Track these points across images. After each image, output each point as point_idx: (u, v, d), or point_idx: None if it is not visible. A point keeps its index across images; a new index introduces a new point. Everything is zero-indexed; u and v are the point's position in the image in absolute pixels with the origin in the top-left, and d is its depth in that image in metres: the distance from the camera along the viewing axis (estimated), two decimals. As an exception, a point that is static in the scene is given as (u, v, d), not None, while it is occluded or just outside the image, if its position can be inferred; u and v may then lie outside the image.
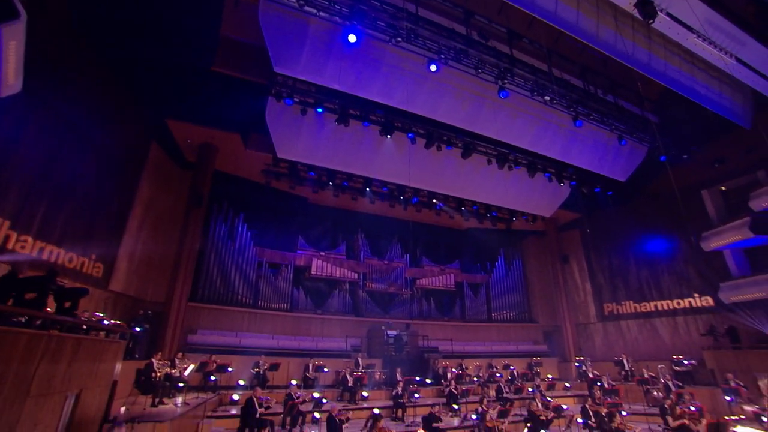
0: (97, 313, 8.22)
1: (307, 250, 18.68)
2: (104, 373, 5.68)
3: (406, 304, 19.34)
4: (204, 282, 15.32)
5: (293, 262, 18.05)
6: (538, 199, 18.41)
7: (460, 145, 14.81)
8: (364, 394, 13.51)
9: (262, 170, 16.58)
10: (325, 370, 13.86)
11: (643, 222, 19.03)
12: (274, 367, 12.83)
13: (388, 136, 13.78)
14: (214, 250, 15.89)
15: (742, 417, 9.47)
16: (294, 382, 11.42)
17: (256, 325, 16.11)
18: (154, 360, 8.77)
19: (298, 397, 10.00)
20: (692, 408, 8.38)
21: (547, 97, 12.21)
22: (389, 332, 16.55)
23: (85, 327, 5.72)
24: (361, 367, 14.50)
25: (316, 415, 10.25)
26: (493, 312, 20.83)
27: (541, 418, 8.58)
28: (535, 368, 16.49)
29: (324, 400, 10.54)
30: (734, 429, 8.29)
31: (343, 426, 9.01)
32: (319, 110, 12.99)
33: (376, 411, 11.45)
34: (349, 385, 13.22)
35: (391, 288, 19.29)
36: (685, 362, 14.80)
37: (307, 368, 13.96)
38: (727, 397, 12.19)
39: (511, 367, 16.00)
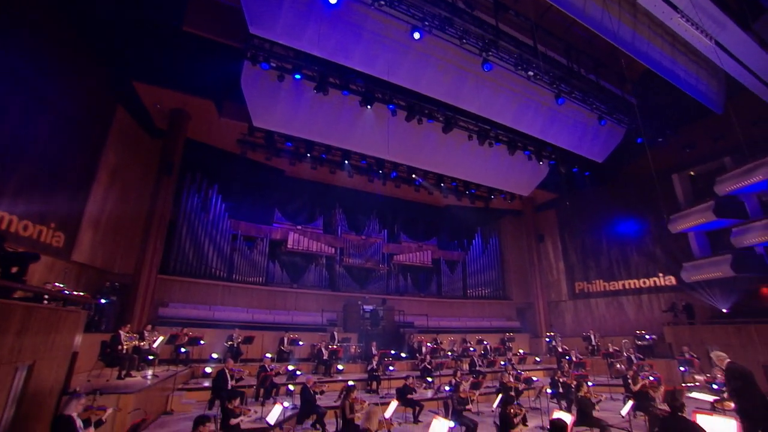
0: (57, 284, 7.78)
1: (283, 224, 18.31)
2: (62, 344, 5.36)
3: (383, 279, 19.36)
4: (176, 254, 14.85)
5: (269, 236, 17.68)
6: (517, 178, 18.48)
7: (441, 119, 14.56)
8: (339, 367, 13.51)
9: (237, 140, 15.95)
10: (300, 343, 13.81)
11: (616, 204, 19.48)
12: (248, 340, 12.67)
13: (369, 107, 13.38)
14: (187, 221, 15.35)
15: (696, 384, 10.10)
16: (269, 355, 11.30)
17: (230, 298, 15.84)
18: (121, 332, 8.44)
19: (271, 370, 9.89)
20: (651, 378, 8.78)
21: (530, 73, 12.02)
22: (365, 307, 16.61)
23: (38, 296, 5.36)
24: (336, 341, 14.49)
25: (291, 387, 10.20)
26: (469, 289, 21.13)
27: (512, 389, 8.76)
28: (507, 343, 16.90)
29: (298, 372, 10.47)
30: (688, 395, 8.70)
31: (317, 397, 8.98)
32: (297, 77, 12.43)
33: (351, 383, 11.71)
34: (324, 358, 13.20)
35: (368, 263, 19.22)
36: (647, 337, 15.48)
37: (282, 342, 13.87)
38: (682, 368, 12.96)
39: (485, 342, 16.36)
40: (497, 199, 20.79)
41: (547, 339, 17.66)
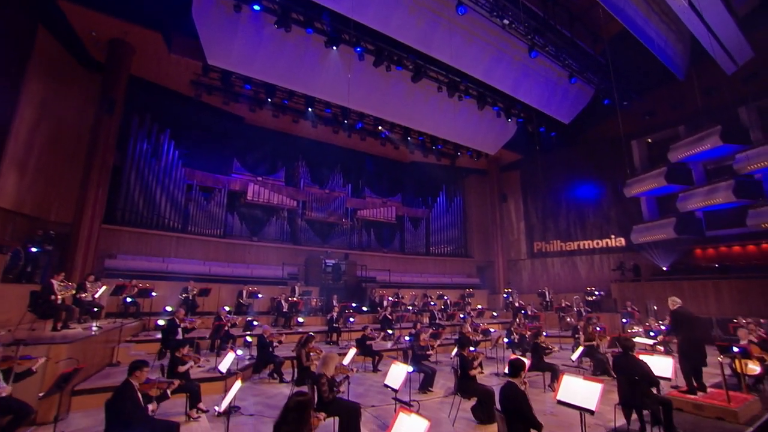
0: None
1: (242, 174, 17.38)
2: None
3: (346, 234, 19.11)
4: (124, 203, 13.79)
5: (227, 187, 16.77)
6: (484, 135, 18.30)
7: (410, 67, 13.87)
8: (300, 320, 13.36)
9: (190, 81, 14.61)
10: (260, 296, 13.48)
11: (577, 168, 19.99)
12: (204, 292, 12.15)
13: (334, 48, 12.47)
14: (135, 168, 14.16)
15: (636, 331, 10.91)
16: (227, 308, 10.89)
17: (185, 250, 15.09)
18: (54, 281, 7.71)
19: (227, 320, 9.55)
20: (598, 328, 9.24)
21: (506, 21, 11.49)
22: (327, 261, 16.41)
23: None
24: (297, 294, 14.28)
25: (248, 339, 9.93)
26: (432, 246, 21.32)
27: (471, 338, 8.93)
28: (467, 299, 17.38)
29: (255, 323, 10.18)
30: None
31: (275, 348, 8.80)
32: (256, 8, 11.25)
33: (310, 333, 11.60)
34: (284, 310, 13.01)
35: (331, 217, 18.83)
36: (596, 293, 16.38)
37: (240, 294, 13.49)
38: (624, 320, 13.93)
39: (445, 297, 16.70)
40: (463, 157, 20.64)
41: (505, 295, 18.32)
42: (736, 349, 6.89)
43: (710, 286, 14.67)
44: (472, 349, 6.56)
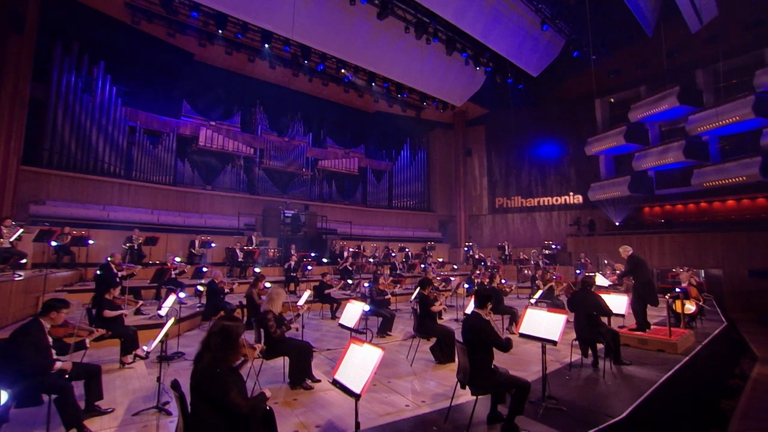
0: None
1: (193, 118, 15.98)
2: None
3: (306, 185, 18.42)
4: (51, 143, 12.30)
5: (176, 131, 15.39)
6: (452, 85, 17.69)
7: (376, 1, 12.79)
8: (256, 269, 12.81)
9: (125, 2, 12.81)
10: (213, 245, 12.75)
11: (541, 125, 20.00)
12: (151, 241, 11.26)
13: (293, -27, 11.18)
14: (63, 104, 12.55)
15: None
16: (178, 259, 10.12)
17: (129, 198, 13.93)
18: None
19: (174, 267, 8.86)
20: (554, 276, 9.44)
21: (480, -47, 10.61)
22: (286, 212, 15.85)
23: None
24: (254, 245, 13.69)
25: (200, 288, 9.33)
26: (395, 199, 21.07)
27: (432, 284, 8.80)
28: (428, 252, 17.41)
29: (205, 269, 9.53)
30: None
31: (226, 294, 8.28)
32: None
33: (268, 284, 11.15)
34: (239, 260, 12.43)
35: (290, 167, 17.97)
36: (553, 247, 16.88)
37: (192, 244, 12.67)
38: (578, 271, 14.47)
39: (407, 250, 16.62)
40: (429, 108, 20.04)
41: (466, 248, 18.56)
42: (678, 290, 7.46)
43: (655, 240, 15.44)
44: (434, 291, 6.35)
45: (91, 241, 10.05)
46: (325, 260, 15.01)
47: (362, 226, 19.00)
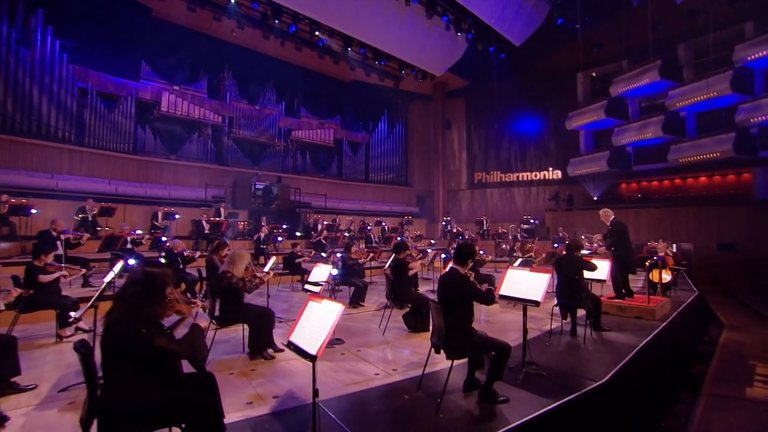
0: None
1: (154, 81, 14.87)
2: None
3: (279, 156, 17.72)
4: (-23, 100, 11.13)
5: (135, 94, 14.30)
6: (432, 53, 17.10)
7: (353, -46, 11.98)
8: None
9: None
10: (177, 216, 12.05)
11: (522, 99, 19.70)
12: (106, 212, 10.47)
13: None
14: (-9, 54, 11.30)
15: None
16: (139, 231, 9.39)
17: (83, 166, 12.97)
18: None
19: (128, 235, 8.22)
20: (533, 248, 9.41)
21: None
22: (257, 184, 15.30)
23: None
24: (223, 216, 13.09)
25: (162, 260, 8.72)
26: (371, 173, 20.62)
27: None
28: (405, 226, 17.14)
29: (164, 239, 8.91)
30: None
31: (188, 264, 7.76)
32: None
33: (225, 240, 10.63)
34: (206, 232, 11.81)
35: (262, 137, 17.19)
36: (532, 221, 16.91)
37: (155, 216, 11.94)
38: (555, 244, 14.51)
39: (383, 224, 16.30)
40: (408, 79, 19.43)
41: (444, 223, 18.42)
42: (656, 258, 7.53)
43: (631, 215, 15.64)
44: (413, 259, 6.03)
45: (33, 211, 9.23)
46: (298, 234, 14.52)
47: (337, 199, 18.54)
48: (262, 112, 17.32)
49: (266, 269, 5.95)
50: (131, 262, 5.29)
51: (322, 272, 4.92)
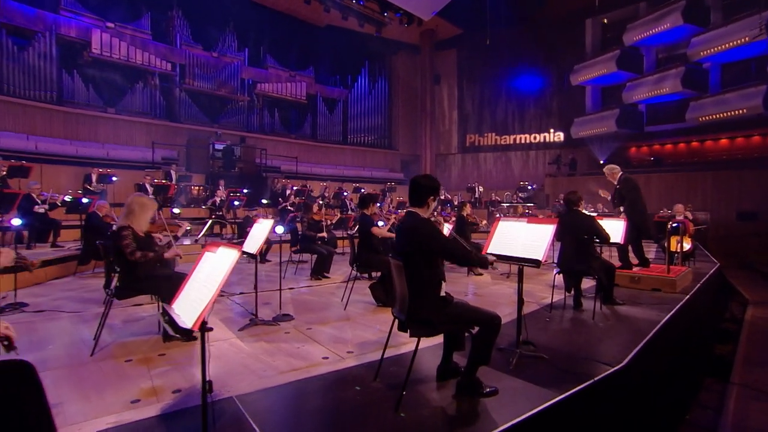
0: None
1: (81, 15, 13.55)
2: None
3: (242, 113, 16.85)
4: None
5: (55, 30, 12.94)
6: (419, -9, 15.96)
7: None
8: (175, 210, 11.41)
9: None
10: (114, 179, 11.08)
11: (523, 51, 18.96)
12: (18, 171, 9.36)
13: None
14: None
15: None
16: (68, 198, 8.38)
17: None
18: None
19: (32, 190, 7.31)
20: (528, 213, 8.94)
21: None
22: (217, 144, 14.56)
23: None
24: (174, 180, 12.29)
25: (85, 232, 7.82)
26: (350, 134, 19.93)
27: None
28: (388, 194, 16.42)
29: (85, 200, 7.96)
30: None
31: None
32: None
33: (188, 227, 9.86)
34: (150, 196, 10.82)
35: (221, 90, 16.24)
36: (529, 187, 16.41)
37: (88, 179, 10.95)
38: (555, 212, 14.11)
39: (362, 190, 15.51)
40: (392, 24, 18.28)
41: None
42: (675, 224, 7.08)
43: (642, 180, 15.01)
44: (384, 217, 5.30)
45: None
46: (264, 201, 13.69)
47: (311, 164, 17.82)
48: (220, 60, 16.26)
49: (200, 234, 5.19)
50: (15, 222, 4.44)
51: (261, 231, 4.17)
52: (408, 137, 21.29)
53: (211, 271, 1.86)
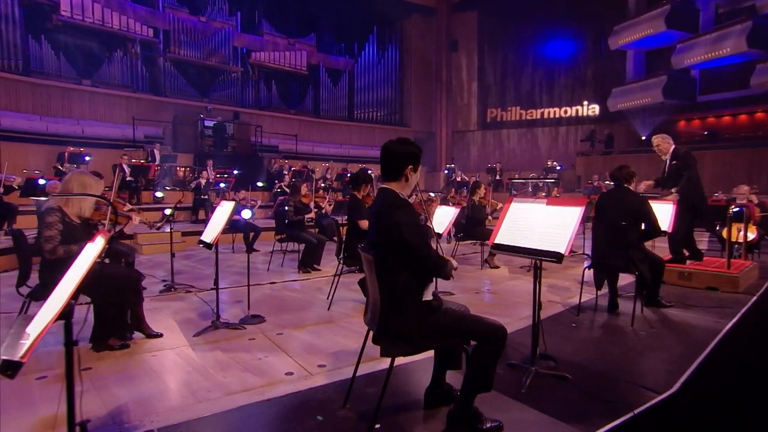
0: None
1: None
2: None
3: (236, 86, 16.57)
4: None
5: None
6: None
7: None
8: (158, 194, 11.25)
9: None
10: (88, 158, 10.87)
11: (552, 11, 18.14)
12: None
13: None
14: None
15: None
16: (42, 181, 8.08)
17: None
18: None
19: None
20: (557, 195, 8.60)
21: None
22: (207, 121, 14.42)
23: None
24: (157, 160, 12.11)
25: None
26: (356, 109, 19.54)
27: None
28: (398, 174, 16.05)
29: (41, 181, 7.64)
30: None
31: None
32: None
33: (167, 211, 9.57)
34: (127, 178, 10.64)
35: (211, 60, 15.90)
36: (558, 168, 15.92)
37: (61, 158, 10.75)
38: (587, 194, 13.57)
39: (369, 171, 15.06)
40: (405, -18, 17.64)
41: (446, 170, 17.39)
42: (737, 209, 6.27)
43: (693, 158, 14.43)
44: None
45: None
46: (260, 184, 13.60)
47: (312, 142, 17.50)
48: (209, 25, 15.94)
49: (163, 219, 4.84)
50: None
51: (222, 214, 3.76)
52: (421, 112, 20.73)
53: (71, 274, 1.42)
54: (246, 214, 4.34)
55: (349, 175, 14.04)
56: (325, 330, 3.69)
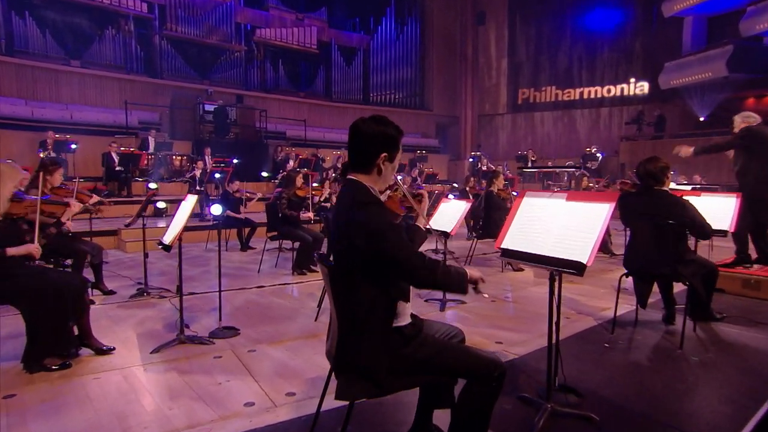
0: None
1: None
2: None
3: (239, 66, 16.84)
4: None
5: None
6: None
7: None
8: (151, 185, 11.17)
9: None
10: (74, 146, 10.95)
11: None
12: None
13: None
14: None
15: None
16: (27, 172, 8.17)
17: None
18: None
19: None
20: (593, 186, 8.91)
21: None
22: (207, 105, 14.51)
23: None
24: (151, 148, 12.24)
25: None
26: (372, 91, 19.72)
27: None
28: (418, 164, 15.78)
29: (25, 170, 7.62)
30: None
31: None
32: None
33: (161, 205, 9.51)
34: (116, 168, 10.66)
35: (212, 37, 16.10)
36: (599, 155, 15.53)
37: (43, 145, 10.83)
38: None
39: (384, 159, 14.91)
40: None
41: (471, 158, 17.20)
42: None
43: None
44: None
45: None
46: (265, 174, 13.67)
47: (323, 128, 17.70)
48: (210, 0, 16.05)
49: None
50: None
51: (184, 211, 3.50)
52: (444, 95, 20.68)
53: None
54: (216, 209, 4.08)
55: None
56: (305, 346, 3.41)
